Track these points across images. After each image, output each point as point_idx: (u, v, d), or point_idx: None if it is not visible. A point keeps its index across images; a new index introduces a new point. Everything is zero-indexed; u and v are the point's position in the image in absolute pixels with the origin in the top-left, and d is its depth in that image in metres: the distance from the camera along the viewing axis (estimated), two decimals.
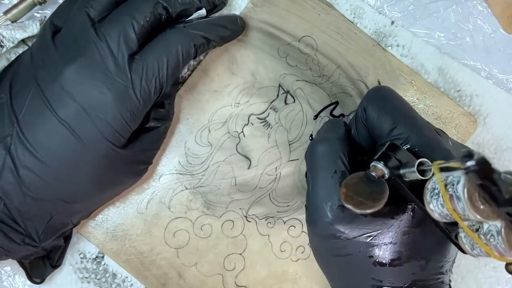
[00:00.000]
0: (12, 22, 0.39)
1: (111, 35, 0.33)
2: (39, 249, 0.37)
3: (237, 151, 0.44)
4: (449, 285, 0.37)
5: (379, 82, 0.45)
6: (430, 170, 0.29)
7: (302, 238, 0.44)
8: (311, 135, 0.44)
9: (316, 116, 0.44)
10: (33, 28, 0.38)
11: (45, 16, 0.39)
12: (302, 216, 0.44)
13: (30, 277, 0.40)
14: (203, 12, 0.38)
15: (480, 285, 0.47)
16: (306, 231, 0.44)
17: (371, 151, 0.37)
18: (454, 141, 0.36)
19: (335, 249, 0.35)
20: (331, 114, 0.45)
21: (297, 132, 0.44)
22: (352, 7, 0.45)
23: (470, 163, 0.24)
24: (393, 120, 0.34)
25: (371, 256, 0.34)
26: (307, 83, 0.44)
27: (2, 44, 0.37)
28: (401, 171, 0.30)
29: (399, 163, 0.31)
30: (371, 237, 0.33)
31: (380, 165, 0.31)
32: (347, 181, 0.31)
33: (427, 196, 0.29)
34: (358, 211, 0.30)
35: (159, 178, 0.43)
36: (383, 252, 0.33)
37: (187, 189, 0.43)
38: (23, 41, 0.38)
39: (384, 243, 0.33)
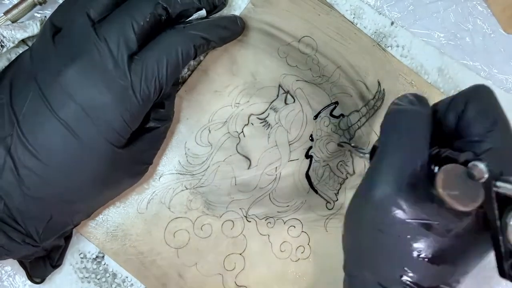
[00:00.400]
0: (12, 22, 0.39)
1: (110, 36, 0.33)
2: (40, 249, 0.37)
3: (237, 151, 0.44)
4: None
5: (379, 83, 0.45)
6: None
7: (302, 238, 0.44)
8: (311, 135, 0.44)
9: (316, 116, 0.44)
10: (34, 28, 0.38)
11: (45, 16, 0.39)
12: (302, 216, 0.44)
13: (31, 277, 0.40)
14: (203, 12, 0.38)
15: (480, 285, 0.47)
16: (306, 231, 0.44)
17: (443, 145, 0.35)
18: None
19: (381, 223, 0.32)
20: (331, 114, 0.45)
21: (297, 132, 0.44)
22: (352, 7, 0.45)
23: None
24: (494, 123, 0.32)
25: (415, 245, 0.32)
26: (307, 83, 0.44)
27: (2, 44, 0.37)
28: (498, 183, 0.29)
29: (498, 173, 0.29)
30: (427, 226, 0.31)
31: (483, 166, 0.28)
32: (447, 170, 0.29)
33: (509, 217, 0.28)
34: (449, 202, 0.28)
35: (159, 178, 0.43)
36: (429, 246, 0.31)
37: (187, 189, 0.43)
38: (23, 41, 0.38)
39: (436, 235, 0.31)
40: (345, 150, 0.45)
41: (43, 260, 0.39)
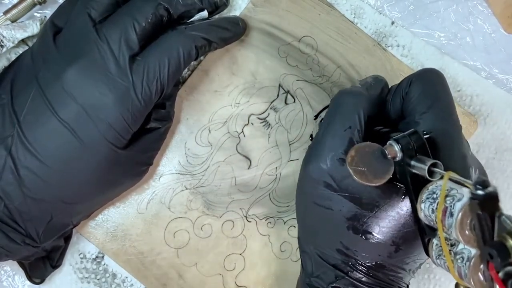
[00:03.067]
0: (12, 22, 0.39)
1: (112, 36, 0.33)
2: (40, 249, 0.37)
3: (237, 151, 0.44)
4: (407, 285, 0.37)
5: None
6: (439, 174, 0.29)
7: None
8: (311, 135, 0.44)
9: (316, 116, 0.44)
10: (33, 28, 0.38)
11: (45, 16, 0.39)
12: None
13: (30, 277, 0.40)
14: (204, 13, 0.38)
15: None
16: None
17: (393, 125, 0.37)
18: (472, 154, 0.36)
19: (319, 197, 0.35)
20: None
21: (297, 132, 0.44)
22: (352, 7, 0.45)
23: (480, 192, 0.24)
24: (431, 104, 0.34)
25: (349, 219, 0.34)
26: (307, 83, 0.44)
27: (2, 44, 0.37)
28: (412, 162, 0.31)
29: (414, 153, 0.31)
30: (357, 201, 0.33)
31: (396, 147, 0.31)
32: (359, 147, 0.31)
33: (423, 195, 0.30)
34: (356, 178, 0.30)
35: (159, 178, 0.43)
36: (361, 220, 0.33)
37: (187, 189, 0.43)
38: (23, 41, 0.38)
39: (367, 212, 0.33)
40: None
41: (42, 260, 0.39)
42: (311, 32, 0.44)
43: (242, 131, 0.44)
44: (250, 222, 0.44)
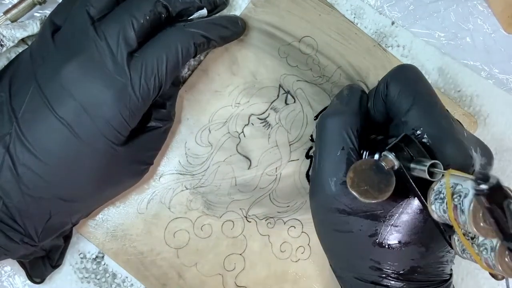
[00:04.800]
0: (12, 22, 0.39)
1: (110, 34, 0.33)
2: (38, 248, 0.37)
3: (238, 152, 0.44)
4: (451, 274, 0.37)
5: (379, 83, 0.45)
6: (440, 173, 0.29)
7: (302, 239, 0.44)
8: (311, 136, 0.44)
9: (316, 117, 0.44)
10: (33, 27, 0.38)
11: (45, 16, 0.39)
12: (302, 217, 0.44)
13: (30, 277, 0.40)
14: (204, 12, 0.38)
15: (480, 286, 0.47)
16: (307, 232, 0.44)
17: (384, 129, 0.37)
18: (468, 132, 0.36)
19: (337, 224, 0.35)
20: None
21: (298, 133, 0.44)
22: (353, 7, 0.45)
23: (483, 187, 0.24)
24: (412, 101, 0.34)
25: (372, 236, 0.34)
26: (308, 83, 0.44)
27: (2, 43, 0.37)
28: (411, 165, 0.30)
29: (410, 157, 0.31)
30: (373, 216, 0.33)
31: (391, 156, 0.31)
32: (356, 167, 0.31)
33: (431, 197, 0.29)
34: (362, 199, 0.30)
35: (159, 178, 0.43)
36: (384, 233, 0.33)
37: (187, 189, 0.43)
38: (23, 40, 0.38)
39: (386, 224, 0.33)
40: None
41: (42, 260, 0.39)
42: (311, 33, 0.44)
43: (242, 131, 0.44)
44: (250, 222, 0.44)
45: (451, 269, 0.37)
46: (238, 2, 0.43)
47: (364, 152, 0.36)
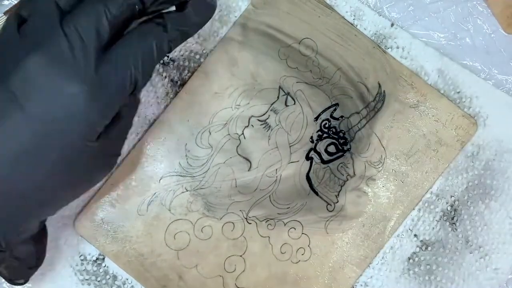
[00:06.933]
0: None
1: (81, 25, 0.31)
2: (7, 255, 0.35)
3: (238, 153, 0.44)
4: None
5: (379, 84, 0.45)
6: None
7: (302, 240, 0.44)
8: (311, 137, 0.44)
9: (316, 118, 0.44)
10: None
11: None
12: (303, 218, 0.44)
13: (11, 280, 0.37)
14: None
15: (481, 287, 0.47)
16: (307, 233, 0.44)
17: None
18: None
19: None
20: (331, 116, 0.45)
21: (298, 134, 0.44)
22: (352, 9, 0.45)
23: None
24: None
25: None
26: (308, 85, 0.44)
27: None
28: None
29: None
30: None
31: None
32: None
33: None
34: None
35: (160, 180, 0.43)
36: None
37: (187, 191, 0.43)
38: None
39: None
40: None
41: (19, 266, 0.37)
42: (311, 34, 0.44)
43: (243, 133, 0.44)
44: (250, 224, 0.44)
45: None
46: (237, 4, 0.43)
47: None
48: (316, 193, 0.44)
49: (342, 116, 0.45)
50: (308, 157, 0.44)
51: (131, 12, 0.33)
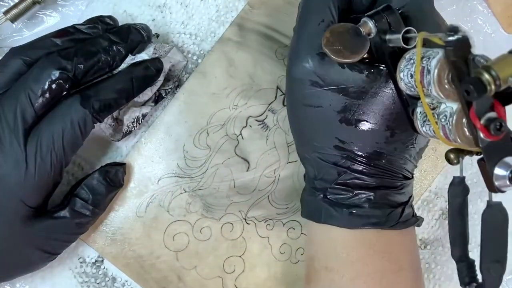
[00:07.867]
0: (12, 22, 0.40)
1: (6, 109, 0.33)
2: None
3: (236, 154, 0.44)
4: (413, 175, 0.37)
5: None
6: (414, 40, 0.30)
7: (301, 240, 0.44)
8: None
9: None
10: None
11: None
12: (302, 218, 0.44)
13: None
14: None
15: None
16: (306, 233, 0.44)
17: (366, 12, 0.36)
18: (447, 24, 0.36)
19: (307, 97, 0.34)
20: None
21: None
22: None
23: (451, 38, 0.25)
24: None
25: (340, 112, 0.33)
26: None
27: None
28: (387, 36, 0.31)
29: (388, 26, 0.31)
30: (344, 91, 0.33)
31: (370, 23, 0.31)
32: (333, 28, 0.31)
33: (401, 65, 0.30)
34: (333, 57, 0.31)
35: (158, 181, 0.43)
36: (351, 110, 0.33)
37: (186, 192, 0.43)
38: None
39: (355, 101, 0.33)
40: None
41: None
42: None
43: (241, 133, 0.44)
44: (249, 224, 0.44)
45: (413, 172, 0.37)
46: (234, 4, 0.43)
47: None
48: None
49: None
50: None
51: (60, 88, 0.34)
